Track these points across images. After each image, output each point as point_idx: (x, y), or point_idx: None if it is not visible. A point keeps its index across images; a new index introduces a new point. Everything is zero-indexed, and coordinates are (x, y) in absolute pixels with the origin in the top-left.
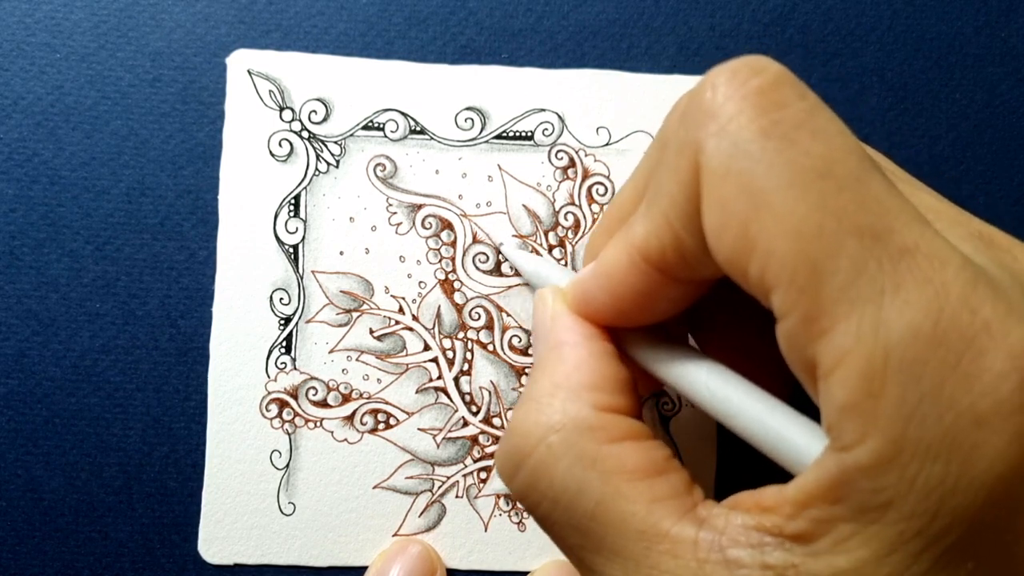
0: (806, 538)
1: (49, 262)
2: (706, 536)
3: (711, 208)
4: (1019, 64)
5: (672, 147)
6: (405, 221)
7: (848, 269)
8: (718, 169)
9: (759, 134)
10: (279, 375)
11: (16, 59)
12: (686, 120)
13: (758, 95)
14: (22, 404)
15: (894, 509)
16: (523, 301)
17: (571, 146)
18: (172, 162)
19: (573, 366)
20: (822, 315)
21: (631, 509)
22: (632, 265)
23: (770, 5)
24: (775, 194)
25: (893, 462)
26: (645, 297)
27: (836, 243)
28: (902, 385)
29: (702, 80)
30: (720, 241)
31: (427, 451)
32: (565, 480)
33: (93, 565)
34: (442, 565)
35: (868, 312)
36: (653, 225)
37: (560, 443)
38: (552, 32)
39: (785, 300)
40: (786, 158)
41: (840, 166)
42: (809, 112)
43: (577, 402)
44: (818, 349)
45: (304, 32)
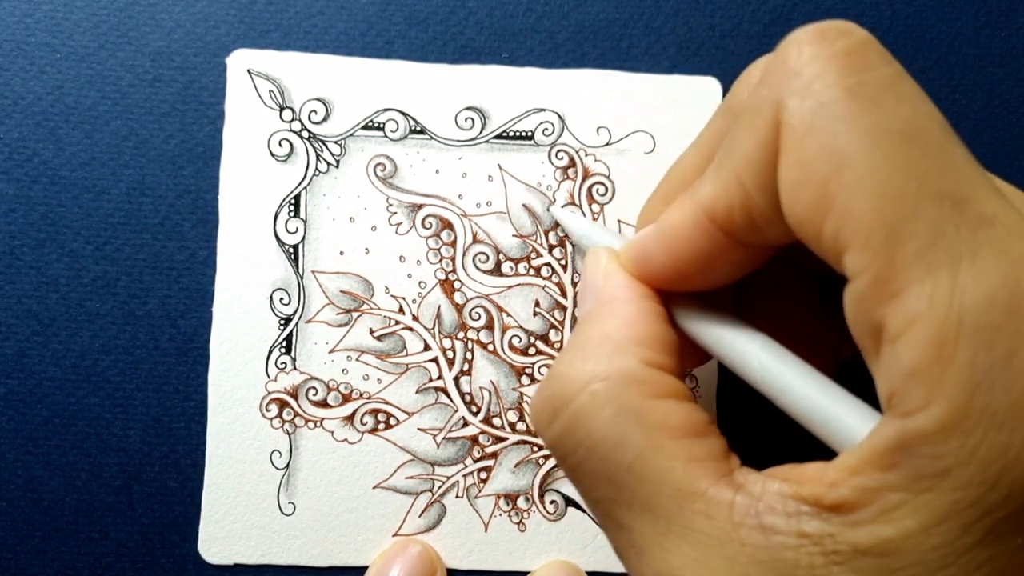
0: (846, 508)
1: (49, 262)
2: (742, 501)
3: (790, 165)
4: (1019, 64)
5: (750, 106)
6: (405, 221)
7: (926, 233)
8: (800, 127)
9: (845, 94)
10: (279, 375)
11: (16, 59)
12: (768, 79)
13: (845, 56)
14: (22, 404)
15: (951, 478)
16: (523, 301)
17: (571, 146)
18: (172, 162)
19: (624, 320)
20: (895, 277)
21: (669, 465)
22: (697, 224)
23: (770, 5)
24: (858, 154)
25: (957, 429)
26: (706, 259)
27: (916, 206)
28: (973, 352)
29: (786, 40)
30: (796, 199)
31: (427, 451)
32: (606, 429)
33: (93, 565)
34: (442, 565)
35: (943, 277)
36: (723, 184)
37: (605, 392)
38: (552, 32)
39: (859, 260)
40: (871, 119)
41: (925, 132)
42: (895, 77)
43: (625, 355)
44: (888, 312)
45: (304, 32)
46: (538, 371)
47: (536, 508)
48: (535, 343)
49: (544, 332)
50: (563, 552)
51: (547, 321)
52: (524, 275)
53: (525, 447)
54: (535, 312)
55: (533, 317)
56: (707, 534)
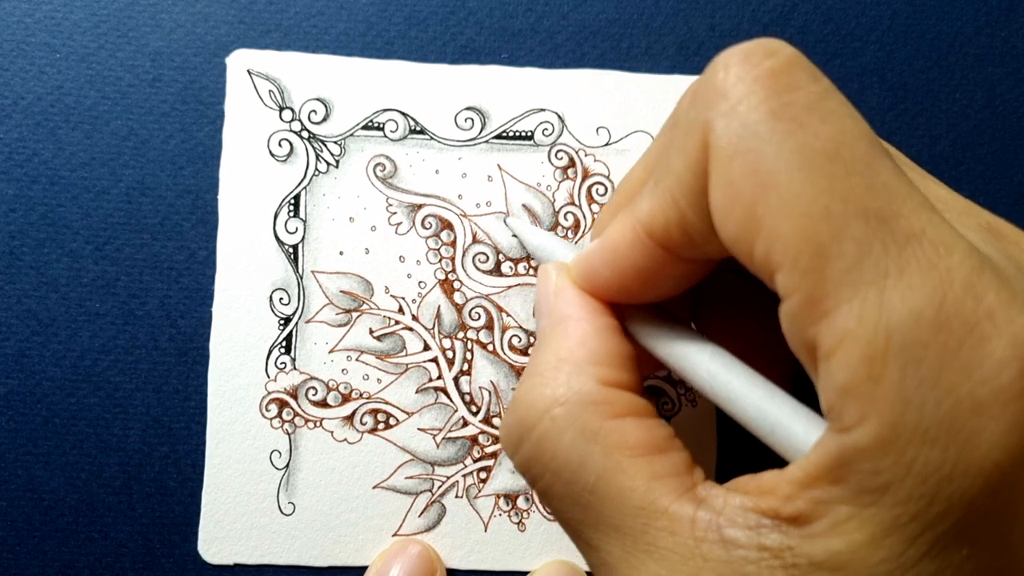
0: (802, 520)
1: (49, 262)
2: (704, 515)
3: (718, 188)
4: (1019, 64)
5: (681, 126)
6: (405, 221)
7: (853, 252)
8: (727, 149)
9: (769, 115)
10: (279, 375)
11: (16, 59)
12: (696, 100)
13: (770, 77)
14: (22, 404)
15: (891, 492)
16: (523, 301)
17: (571, 146)
18: (172, 162)
19: (577, 340)
20: (825, 296)
21: (631, 485)
22: (636, 241)
23: (770, 5)
24: (783, 175)
25: (891, 445)
26: (648, 274)
27: (842, 225)
28: (902, 369)
29: (714, 61)
30: (726, 220)
31: (427, 451)
32: (568, 453)
33: (93, 565)
34: (442, 565)
35: (871, 295)
36: (659, 202)
37: (564, 416)
38: (552, 32)
39: (789, 281)
40: (795, 140)
41: (849, 149)
42: (821, 95)
43: (581, 376)
44: (820, 330)
45: (304, 32)
46: None
47: (536, 508)
48: (535, 343)
49: None
50: (563, 552)
51: None
52: (524, 275)
53: None
54: (535, 312)
55: (533, 317)
56: (671, 551)
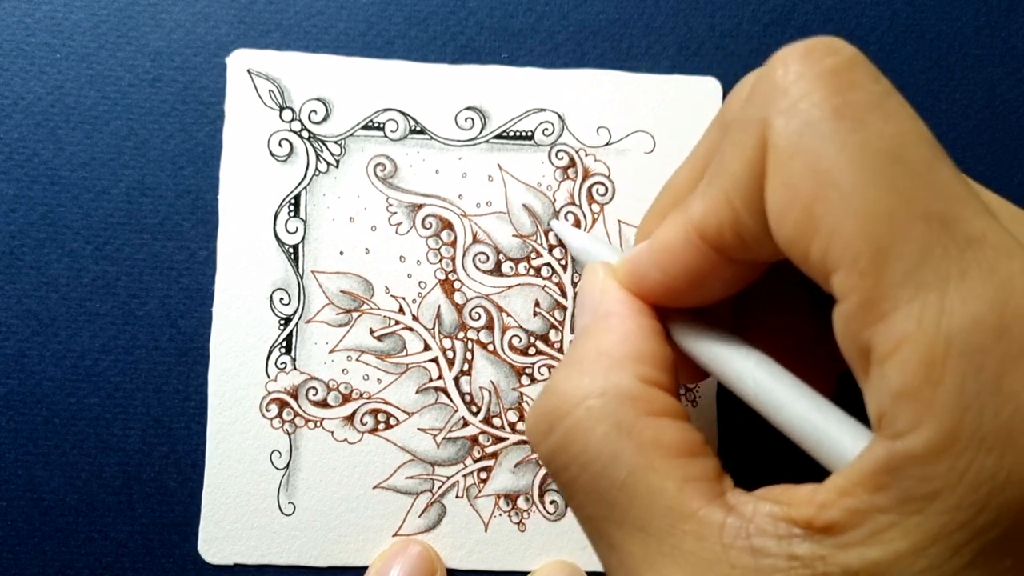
0: (837, 529)
1: (49, 262)
2: (733, 522)
3: (776, 186)
4: (1019, 64)
5: (738, 125)
6: (405, 221)
7: (914, 254)
8: (786, 147)
9: (831, 113)
10: (279, 375)
11: (16, 59)
12: (754, 97)
13: (831, 75)
14: (22, 404)
15: (940, 500)
16: (523, 301)
17: (571, 146)
18: (172, 162)
19: (620, 337)
20: (883, 298)
21: (662, 485)
22: (688, 243)
23: (770, 5)
24: (844, 174)
25: (946, 452)
26: (698, 276)
27: (904, 227)
28: (962, 374)
29: (772, 58)
30: (783, 220)
31: (427, 451)
32: (600, 446)
33: (93, 565)
34: (442, 565)
35: (932, 298)
36: (712, 203)
37: (600, 408)
38: (552, 32)
39: (846, 282)
40: (858, 139)
41: (912, 151)
42: (882, 95)
43: (621, 371)
44: (876, 333)
45: (304, 32)
46: (538, 371)
47: (536, 508)
48: (535, 343)
49: (544, 332)
50: (563, 552)
51: (547, 321)
52: (524, 275)
53: (525, 447)
54: (535, 312)
55: (533, 317)
56: (697, 555)
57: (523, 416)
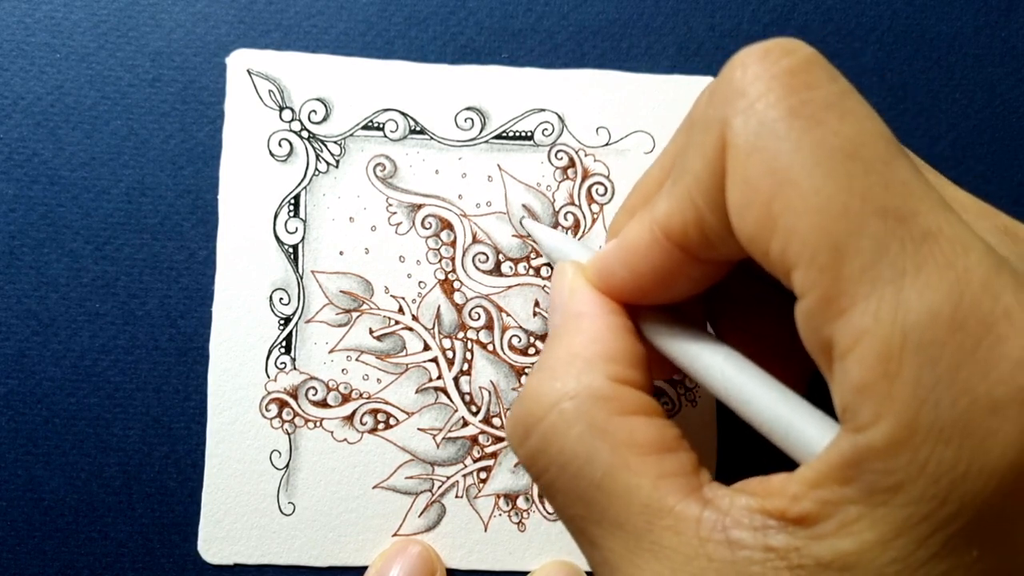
0: (810, 521)
1: (49, 262)
2: (710, 516)
3: (735, 185)
4: (1019, 64)
5: (699, 125)
6: (405, 221)
7: (870, 250)
8: (744, 146)
9: (787, 113)
10: (279, 375)
11: (16, 59)
12: (714, 98)
13: (788, 75)
14: (22, 404)
15: (904, 492)
16: (523, 301)
17: (571, 146)
18: (172, 162)
19: (590, 337)
20: (842, 295)
21: (637, 482)
22: (654, 242)
23: (770, 5)
24: (800, 173)
25: (905, 444)
26: (665, 275)
27: (860, 223)
28: (918, 368)
29: (732, 59)
30: (743, 218)
31: (427, 451)
32: (575, 447)
33: (93, 565)
34: (442, 565)
35: (888, 293)
36: (676, 202)
37: (573, 410)
38: (552, 32)
39: (805, 279)
40: (813, 138)
41: (867, 148)
42: (839, 94)
43: (592, 372)
44: (836, 329)
45: (304, 32)
46: None
47: (536, 508)
48: (535, 343)
49: (544, 332)
50: (563, 552)
51: (547, 321)
52: (524, 275)
53: None
54: (535, 312)
55: (533, 317)
56: (675, 550)
57: None
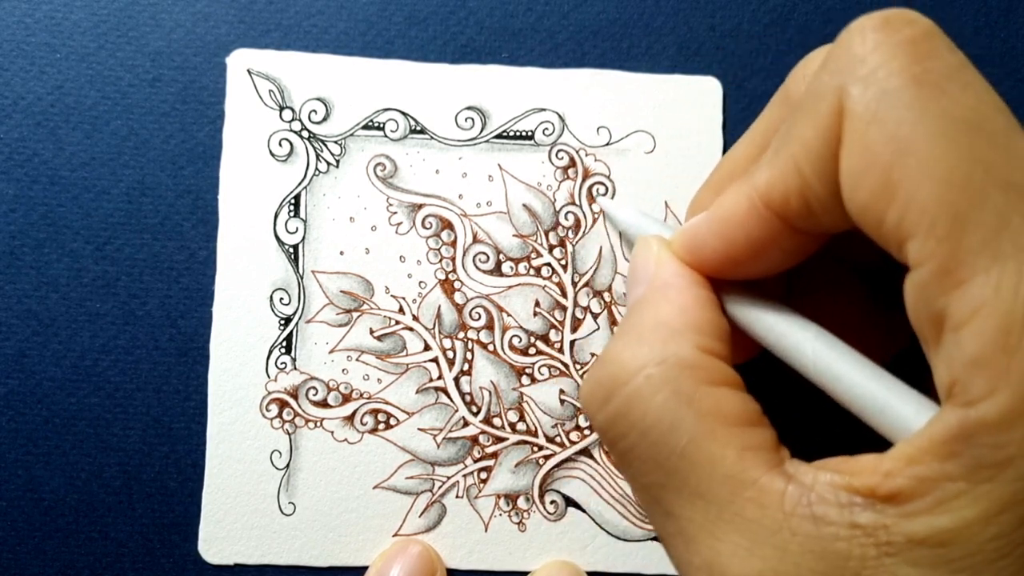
0: (902, 498)
1: (49, 262)
2: (794, 490)
3: (853, 152)
4: (1019, 64)
5: (811, 93)
6: (405, 221)
7: (992, 222)
8: (864, 114)
9: (910, 82)
10: (279, 375)
11: (16, 59)
12: (830, 66)
13: (910, 44)
14: (22, 404)
15: (1013, 467)
16: (524, 301)
17: (571, 146)
18: (172, 162)
19: (678, 307)
20: (960, 266)
21: (722, 452)
22: (752, 210)
23: (770, 5)
24: (923, 142)
25: (1021, 418)
26: (759, 246)
27: (982, 195)
28: None
29: (849, 28)
30: (858, 186)
31: (427, 451)
32: (660, 413)
33: (93, 565)
34: (442, 565)
35: (1010, 267)
36: (780, 170)
37: (660, 376)
38: (552, 32)
39: (923, 249)
40: (936, 107)
41: (990, 121)
42: (959, 66)
43: (680, 340)
44: (951, 300)
45: (304, 32)
46: (538, 371)
47: (536, 508)
48: (535, 343)
49: (544, 332)
50: (563, 552)
51: (547, 321)
52: (524, 275)
53: (525, 447)
54: (535, 312)
55: (533, 317)
56: (758, 523)
57: (523, 416)
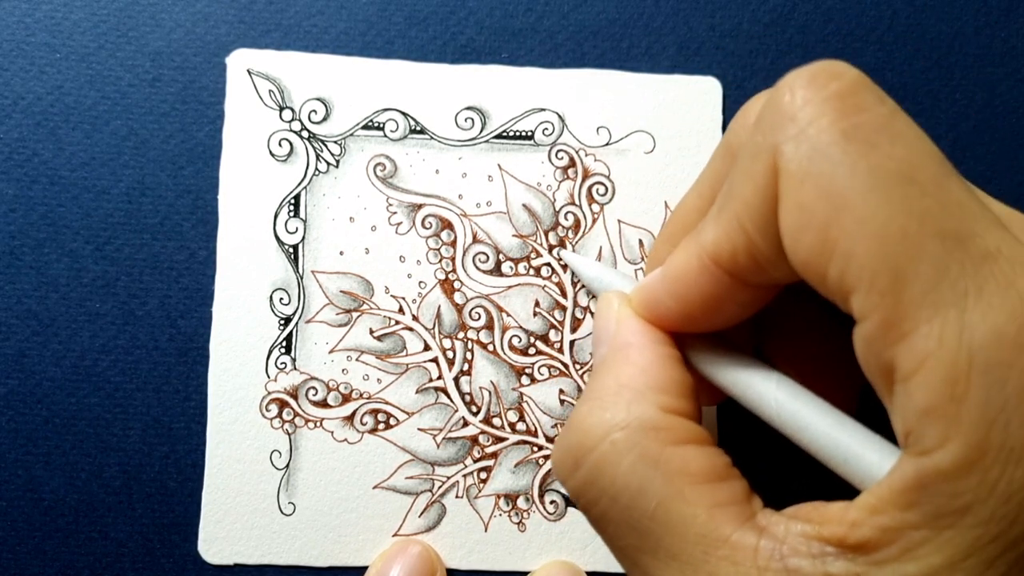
0: (870, 547)
1: (49, 262)
2: (767, 544)
3: (789, 211)
4: (1019, 64)
5: (747, 151)
6: (405, 221)
7: (931, 273)
8: (797, 172)
9: (840, 137)
10: (279, 375)
11: (16, 59)
12: (762, 124)
13: (838, 99)
14: (22, 404)
15: (972, 514)
16: (523, 301)
17: (571, 146)
18: (172, 162)
19: (639, 368)
20: (904, 318)
21: (692, 512)
22: (702, 269)
23: (770, 5)
24: (857, 197)
25: (975, 466)
26: (714, 301)
27: (919, 246)
28: (986, 389)
29: (779, 85)
30: (798, 244)
31: (427, 451)
32: (627, 478)
33: (93, 565)
34: (442, 565)
35: (951, 316)
36: (725, 229)
37: (624, 441)
38: (552, 32)
39: (865, 303)
40: (868, 162)
41: (922, 170)
42: (888, 116)
43: (643, 402)
44: (898, 352)
45: (304, 32)
46: (538, 371)
47: (536, 508)
48: (535, 343)
49: (544, 332)
50: (563, 552)
51: (547, 321)
52: (524, 275)
53: (525, 447)
54: (535, 312)
55: (533, 317)
56: None
57: (523, 416)
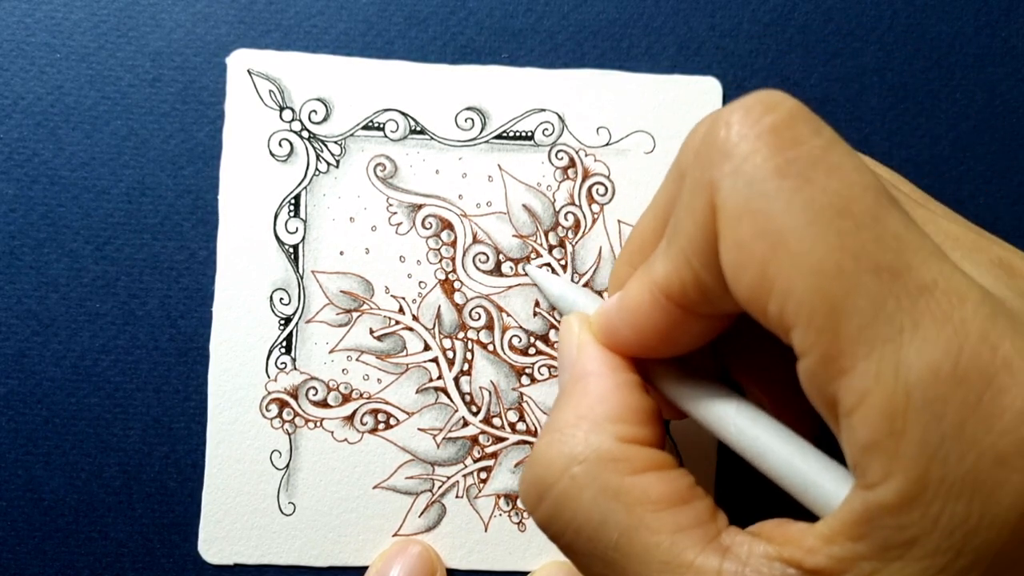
0: (824, 574)
1: (49, 262)
2: (729, 567)
3: (728, 248)
4: (1019, 64)
5: (688, 187)
6: (405, 221)
7: (867, 308)
8: (734, 210)
9: (774, 173)
10: (279, 375)
11: (16, 59)
12: (700, 159)
13: (772, 133)
14: (22, 404)
15: (918, 546)
16: (523, 301)
17: (571, 146)
18: (172, 162)
19: (597, 397)
20: (841, 355)
21: (655, 540)
22: (654, 302)
23: (770, 5)
24: (792, 234)
25: (917, 500)
26: (668, 332)
27: (854, 282)
28: (924, 424)
29: (715, 117)
30: (738, 280)
31: (427, 451)
32: (589, 511)
33: (93, 565)
34: (442, 565)
35: (888, 352)
36: (673, 264)
37: (583, 474)
38: (552, 32)
39: (805, 339)
40: (802, 197)
41: (857, 203)
42: (824, 148)
43: (600, 434)
44: (839, 388)
45: (304, 32)
46: (538, 371)
47: None
48: (535, 343)
49: (544, 332)
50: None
51: (547, 321)
52: (524, 275)
53: (525, 447)
54: (535, 312)
55: (533, 317)
56: None
57: (523, 416)
